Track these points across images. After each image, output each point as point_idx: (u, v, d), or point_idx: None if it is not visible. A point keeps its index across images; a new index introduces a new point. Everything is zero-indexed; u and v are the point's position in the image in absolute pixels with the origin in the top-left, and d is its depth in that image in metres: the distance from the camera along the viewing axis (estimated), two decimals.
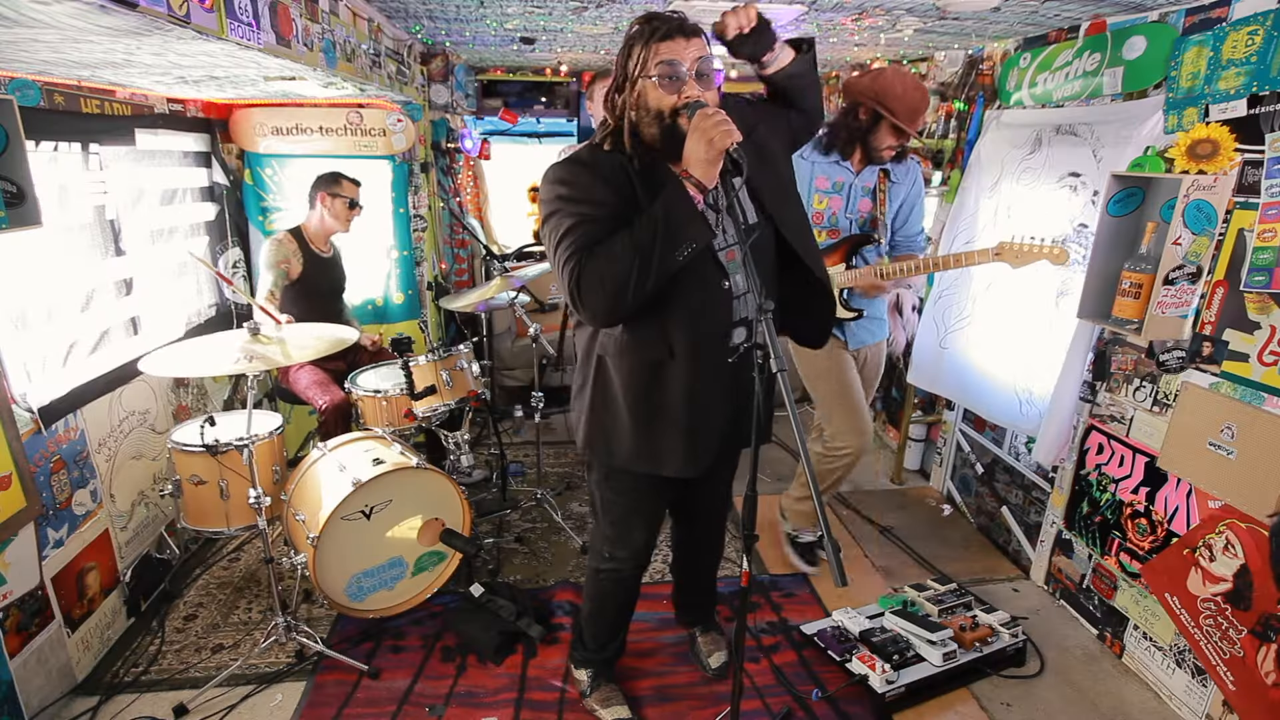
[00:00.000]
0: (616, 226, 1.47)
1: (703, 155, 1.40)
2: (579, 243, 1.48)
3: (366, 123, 3.47)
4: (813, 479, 1.27)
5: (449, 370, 2.77)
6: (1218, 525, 2.03)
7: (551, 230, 1.53)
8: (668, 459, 1.69)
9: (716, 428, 1.70)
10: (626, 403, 1.66)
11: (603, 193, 1.51)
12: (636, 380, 1.64)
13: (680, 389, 1.62)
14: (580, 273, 1.46)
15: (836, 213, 2.53)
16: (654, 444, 1.68)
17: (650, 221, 1.43)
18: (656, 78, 1.47)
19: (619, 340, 1.62)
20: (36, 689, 2.06)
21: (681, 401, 1.63)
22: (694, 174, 1.43)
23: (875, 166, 2.50)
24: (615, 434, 1.71)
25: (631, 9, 2.55)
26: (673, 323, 1.58)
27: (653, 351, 1.60)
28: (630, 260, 1.42)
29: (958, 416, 3.38)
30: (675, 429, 1.66)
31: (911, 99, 2.34)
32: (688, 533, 2.25)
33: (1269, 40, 1.85)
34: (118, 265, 2.61)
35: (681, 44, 1.47)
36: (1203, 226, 2.02)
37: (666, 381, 1.62)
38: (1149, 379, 2.28)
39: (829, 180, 2.51)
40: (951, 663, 2.23)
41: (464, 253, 4.51)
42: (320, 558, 2.31)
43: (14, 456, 1.96)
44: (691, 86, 1.47)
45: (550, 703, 2.18)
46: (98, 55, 1.76)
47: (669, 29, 1.47)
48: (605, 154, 1.58)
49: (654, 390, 1.64)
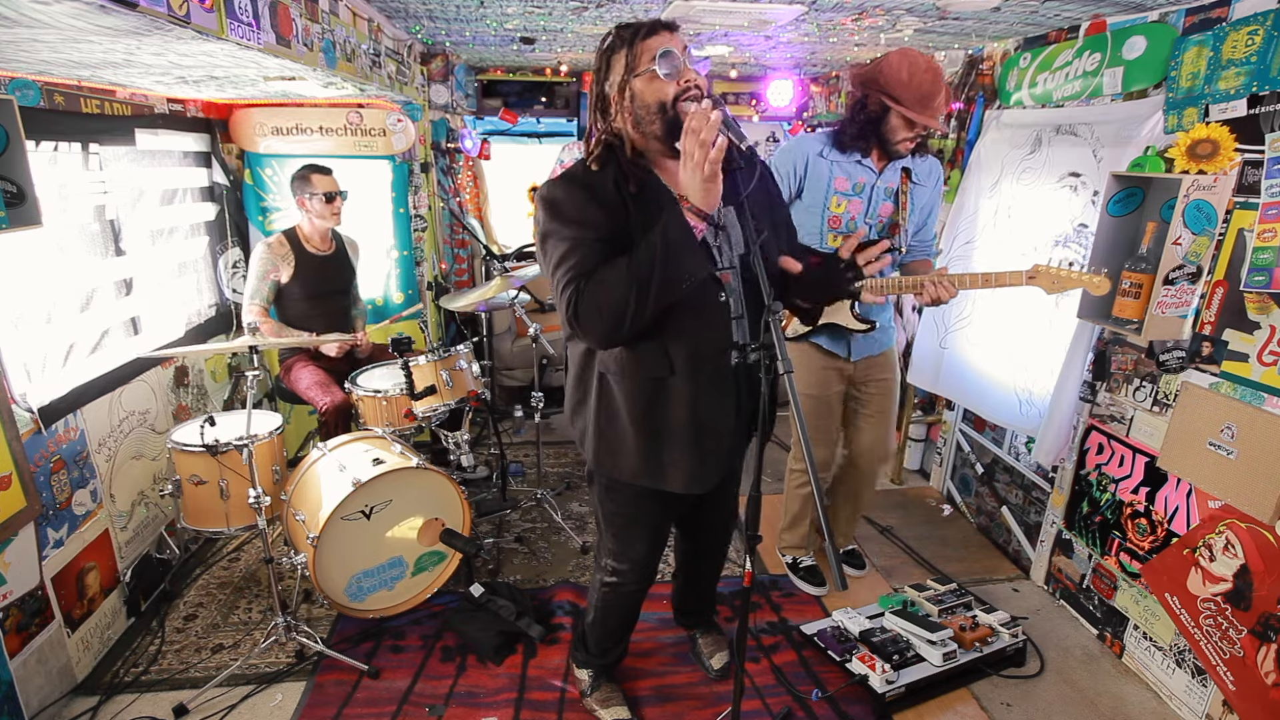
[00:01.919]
0: (611, 249, 1.45)
1: (699, 183, 1.36)
2: (577, 268, 1.46)
3: (366, 123, 3.47)
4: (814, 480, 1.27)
5: (449, 370, 2.77)
6: (1218, 525, 2.03)
7: (549, 252, 1.52)
8: (672, 475, 1.68)
9: (723, 443, 1.68)
10: (630, 419, 1.64)
11: (596, 214, 1.49)
12: (639, 397, 1.62)
13: (683, 405, 1.61)
14: (578, 299, 1.45)
15: (855, 217, 2.35)
16: (659, 460, 1.67)
17: (649, 250, 1.39)
18: (655, 68, 1.44)
19: (620, 357, 1.61)
20: (36, 689, 2.06)
21: (685, 418, 1.62)
22: (693, 201, 1.39)
23: (897, 164, 2.32)
24: (621, 450, 1.70)
25: (631, 9, 2.55)
26: (673, 339, 1.57)
27: (654, 368, 1.59)
28: (628, 290, 1.40)
29: (958, 416, 3.38)
30: (679, 445, 1.65)
31: (919, 83, 2.13)
32: (692, 544, 2.23)
33: (1269, 40, 1.85)
34: (118, 265, 2.61)
35: (668, 36, 1.47)
36: (1203, 226, 2.02)
37: (669, 398, 1.61)
38: (1149, 379, 2.28)
39: (849, 181, 2.32)
40: (951, 663, 2.23)
41: (464, 253, 4.51)
42: (320, 558, 2.31)
43: (14, 456, 1.96)
44: (690, 72, 1.46)
45: (550, 703, 2.18)
46: (98, 55, 1.76)
47: (651, 27, 1.47)
48: (597, 174, 1.54)
49: (657, 407, 1.62)
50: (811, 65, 4.09)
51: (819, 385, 2.49)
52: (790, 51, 3.52)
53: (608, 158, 1.55)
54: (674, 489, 1.70)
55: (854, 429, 2.62)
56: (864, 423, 2.59)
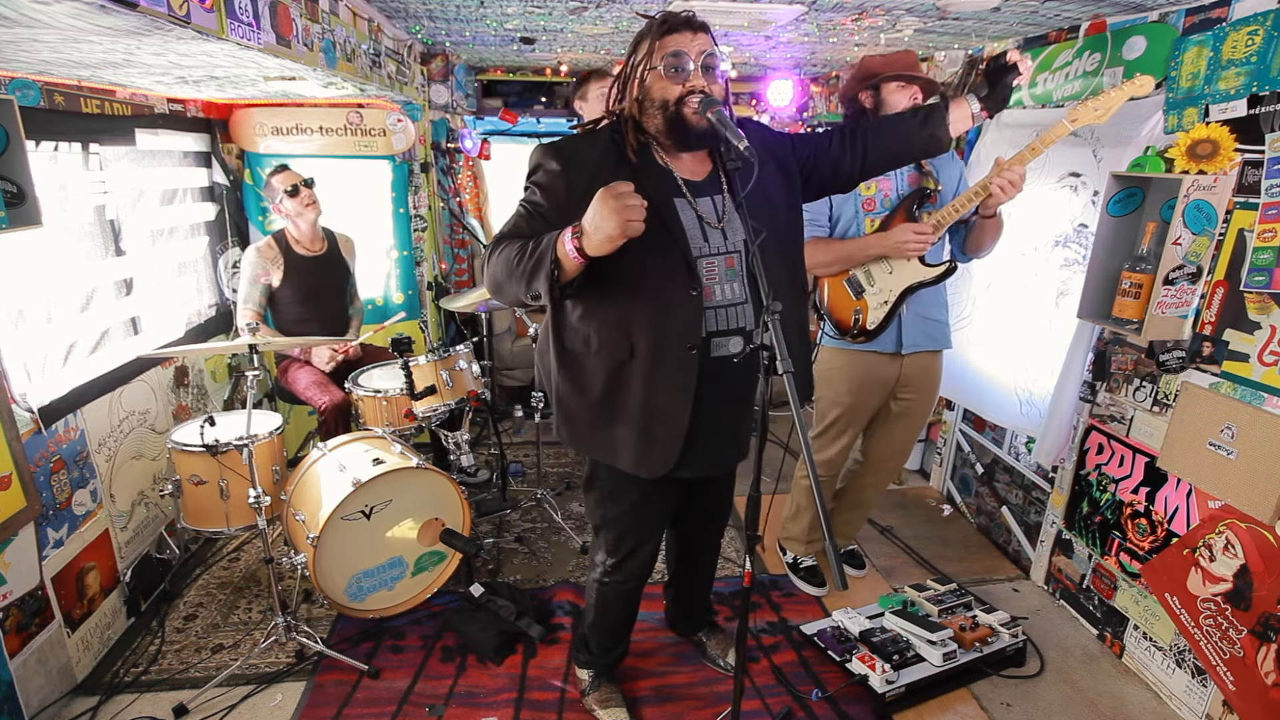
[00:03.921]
0: (560, 221, 1.47)
1: (604, 236, 1.35)
2: (508, 229, 1.59)
3: (366, 123, 3.47)
4: (815, 481, 1.27)
5: (449, 370, 2.77)
6: (1218, 525, 2.03)
7: None
8: (622, 453, 1.70)
9: (676, 432, 1.65)
10: (589, 393, 1.67)
11: (559, 186, 1.54)
12: (599, 374, 1.65)
13: (637, 390, 1.62)
14: (489, 257, 1.58)
15: (889, 194, 2.34)
16: (610, 436, 1.69)
17: (534, 250, 1.44)
18: (662, 68, 1.50)
19: (586, 336, 1.64)
20: (36, 689, 2.06)
21: (638, 402, 1.63)
22: (588, 240, 1.36)
23: None
24: (577, 420, 1.73)
25: (631, 9, 2.55)
26: (637, 326, 1.58)
27: (616, 350, 1.61)
28: (507, 274, 1.50)
29: (958, 416, 3.38)
30: (628, 426, 1.66)
31: (893, 57, 2.28)
32: (683, 544, 2.22)
33: (1269, 40, 1.85)
34: (118, 265, 2.61)
35: (688, 37, 1.50)
36: (1203, 226, 2.02)
37: (626, 381, 1.63)
38: (1149, 379, 2.28)
39: None
40: (951, 663, 2.23)
41: (464, 253, 4.51)
42: (320, 558, 2.31)
43: (14, 456, 1.96)
44: (697, 77, 1.50)
45: (550, 703, 2.18)
46: (98, 55, 1.76)
47: (676, 23, 1.51)
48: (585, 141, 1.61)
49: (614, 386, 1.64)
50: (811, 65, 4.09)
51: (851, 395, 2.42)
52: (790, 51, 3.52)
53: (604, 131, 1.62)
54: (624, 467, 1.71)
55: (878, 435, 2.57)
56: (891, 430, 2.54)
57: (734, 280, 1.61)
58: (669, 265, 1.56)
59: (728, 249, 1.61)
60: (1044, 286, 2.71)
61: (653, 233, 1.48)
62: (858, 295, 2.35)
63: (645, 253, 1.51)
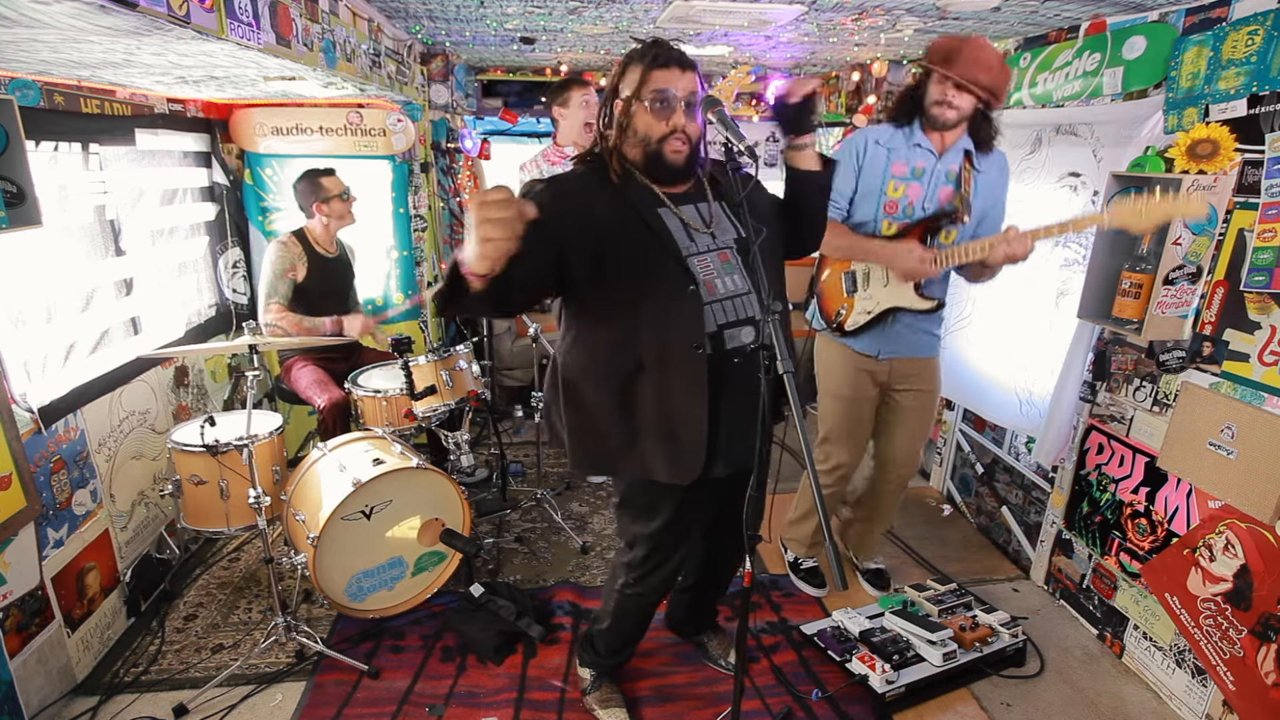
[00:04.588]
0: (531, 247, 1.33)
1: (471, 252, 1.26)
2: None
3: (366, 123, 3.47)
4: (815, 482, 1.27)
5: (449, 370, 2.77)
6: (1218, 525, 2.03)
7: None
8: (653, 464, 1.67)
9: (699, 434, 1.62)
10: (602, 415, 1.66)
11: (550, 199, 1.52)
12: (609, 393, 1.63)
13: (652, 400, 1.61)
14: None
15: (914, 202, 2.25)
16: (637, 450, 1.67)
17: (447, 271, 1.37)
18: (648, 103, 1.52)
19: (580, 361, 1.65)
20: (36, 689, 2.06)
21: (655, 412, 1.61)
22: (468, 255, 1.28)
23: (959, 147, 2.22)
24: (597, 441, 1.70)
25: (631, 9, 2.55)
26: (641, 334, 1.58)
27: (622, 365, 1.61)
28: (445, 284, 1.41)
29: (958, 416, 3.38)
30: (653, 437, 1.64)
31: (944, 44, 2.09)
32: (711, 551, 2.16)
33: (1269, 40, 1.85)
34: (118, 265, 2.61)
35: (676, 74, 1.53)
36: (1203, 226, 2.02)
37: (639, 393, 1.62)
38: (1149, 379, 2.28)
39: (907, 165, 2.24)
40: (951, 663, 2.23)
41: None
42: (320, 558, 2.31)
43: (14, 456, 1.96)
44: (679, 116, 1.53)
45: (550, 703, 2.18)
46: (98, 55, 1.76)
47: (669, 60, 1.53)
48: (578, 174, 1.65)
49: (628, 401, 1.63)
50: (811, 65, 4.09)
51: (850, 386, 2.42)
52: (790, 51, 3.52)
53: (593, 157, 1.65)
54: (660, 479, 1.68)
55: (884, 439, 2.57)
56: (895, 433, 2.52)
57: (732, 273, 1.62)
58: (661, 268, 1.56)
59: (718, 246, 1.62)
60: (1044, 286, 2.71)
61: (640, 240, 1.53)
62: (849, 293, 2.36)
63: (636, 261, 1.54)
